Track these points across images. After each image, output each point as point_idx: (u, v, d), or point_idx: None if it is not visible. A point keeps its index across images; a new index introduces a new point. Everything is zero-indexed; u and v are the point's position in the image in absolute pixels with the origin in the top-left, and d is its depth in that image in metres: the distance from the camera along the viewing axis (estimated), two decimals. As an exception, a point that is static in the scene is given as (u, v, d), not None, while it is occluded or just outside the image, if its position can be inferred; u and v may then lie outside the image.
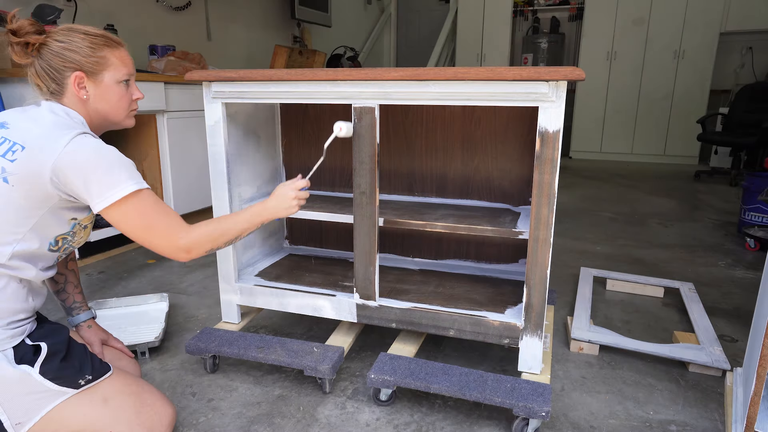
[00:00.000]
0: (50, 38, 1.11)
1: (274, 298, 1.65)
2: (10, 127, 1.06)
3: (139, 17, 3.40)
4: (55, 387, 1.05)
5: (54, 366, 1.05)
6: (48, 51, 1.11)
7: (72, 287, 1.38)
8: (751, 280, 2.40)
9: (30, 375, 1.02)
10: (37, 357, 1.04)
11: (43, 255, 1.10)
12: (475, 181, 1.79)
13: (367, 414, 1.39)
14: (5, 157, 1.02)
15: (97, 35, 1.14)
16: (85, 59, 1.12)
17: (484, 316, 1.44)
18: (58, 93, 1.13)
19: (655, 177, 5.10)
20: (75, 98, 1.14)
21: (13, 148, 1.03)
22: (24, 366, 1.02)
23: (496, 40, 6.47)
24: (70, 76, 1.11)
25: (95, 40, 1.13)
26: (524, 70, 1.21)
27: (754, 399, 1.11)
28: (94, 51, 1.13)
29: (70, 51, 1.11)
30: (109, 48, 1.15)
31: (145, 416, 1.14)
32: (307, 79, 1.40)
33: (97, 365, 1.13)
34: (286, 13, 4.96)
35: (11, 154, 1.02)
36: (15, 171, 1.01)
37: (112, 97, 1.17)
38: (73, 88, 1.12)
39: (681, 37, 5.65)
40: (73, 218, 1.12)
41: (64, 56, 1.11)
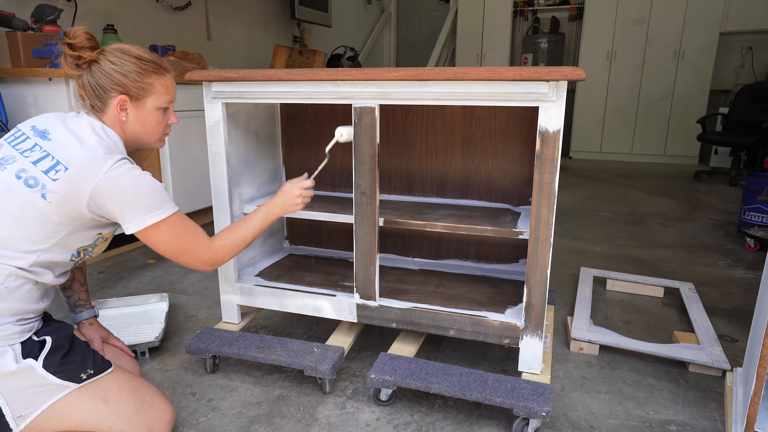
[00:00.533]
0: (103, 56, 1.14)
1: (274, 298, 1.65)
2: (53, 140, 1.09)
3: (139, 17, 3.40)
4: (57, 381, 1.07)
5: (57, 360, 1.07)
6: (99, 69, 1.14)
7: (78, 285, 1.40)
8: (751, 280, 2.40)
9: (33, 368, 1.05)
10: (41, 351, 1.07)
11: (63, 263, 1.14)
12: (475, 181, 1.79)
13: (367, 414, 1.39)
14: (48, 174, 1.05)
15: (148, 61, 1.18)
16: (132, 84, 1.15)
17: (485, 316, 1.44)
18: (99, 109, 1.17)
19: (655, 177, 5.10)
20: (114, 118, 1.17)
21: (57, 167, 1.06)
22: (28, 359, 1.05)
23: (496, 40, 6.47)
24: (114, 97, 1.15)
25: (145, 66, 1.17)
26: (524, 70, 1.21)
27: (754, 399, 1.11)
28: (142, 77, 1.16)
29: (120, 74, 1.14)
30: (157, 75, 1.19)
31: (145, 414, 1.15)
32: (307, 79, 1.40)
33: (99, 361, 1.15)
34: (286, 13, 4.96)
35: (54, 173, 1.05)
36: (55, 190, 1.05)
37: (149, 121, 1.21)
38: (115, 109, 1.16)
39: (681, 37, 5.64)
40: (99, 233, 1.16)
41: (113, 78, 1.14)
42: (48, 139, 1.09)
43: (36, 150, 1.08)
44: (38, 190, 1.05)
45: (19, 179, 1.05)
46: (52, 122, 1.13)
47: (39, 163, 1.06)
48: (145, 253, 2.74)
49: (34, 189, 1.05)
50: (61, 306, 2.05)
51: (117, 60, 1.14)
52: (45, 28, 2.45)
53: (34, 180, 1.06)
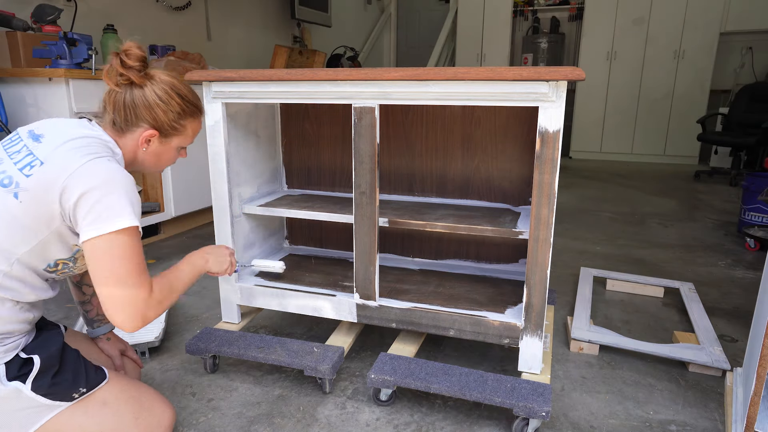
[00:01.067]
0: (151, 84, 1.09)
1: (274, 298, 1.65)
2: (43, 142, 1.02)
3: (139, 17, 3.40)
4: (47, 402, 1.01)
5: (47, 381, 1.01)
6: (141, 95, 1.08)
7: (97, 300, 1.34)
8: (751, 280, 2.40)
9: (21, 392, 0.99)
10: (29, 372, 1.00)
11: (39, 274, 1.05)
12: (475, 181, 1.79)
13: (367, 414, 1.39)
14: (22, 171, 0.98)
15: (191, 104, 1.15)
16: (168, 123, 1.12)
17: (484, 316, 1.44)
18: (119, 128, 1.11)
19: (655, 177, 5.10)
20: (132, 144, 1.12)
21: (33, 163, 0.99)
22: (15, 382, 0.99)
23: (496, 40, 6.47)
24: (143, 128, 1.11)
25: (186, 109, 1.14)
26: (524, 70, 1.21)
27: (754, 399, 1.11)
28: (179, 118, 1.13)
29: (162, 111, 1.10)
30: (193, 118, 1.17)
31: (144, 421, 1.13)
32: (307, 79, 1.40)
33: (91, 375, 1.09)
34: (286, 13, 4.96)
35: (29, 169, 0.98)
36: (27, 187, 0.97)
37: (164, 157, 1.19)
38: (139, 139, 1.11)
39: (681, 37, 5.64)
40: (76, 245, 1.05)
41: (153, 111, 1.09)
42: (39, 142, 1.02)
43: (23, 152, 1.01)
44: (11, 189, 0.97)
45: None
46: (53, 128, 1.06)
47: (20, 161, 0.99)
48: (145, 252, 2.74)
49: (8, 188, 0.97)
50: (59, 306, 2.05)
51: (164, 96, 1.10)
52: (45, 28, 2.45)
53: (9, 179, 0.98)
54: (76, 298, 1.36)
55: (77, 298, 1.35)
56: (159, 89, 1.09)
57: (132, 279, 1.00)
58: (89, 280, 1.33)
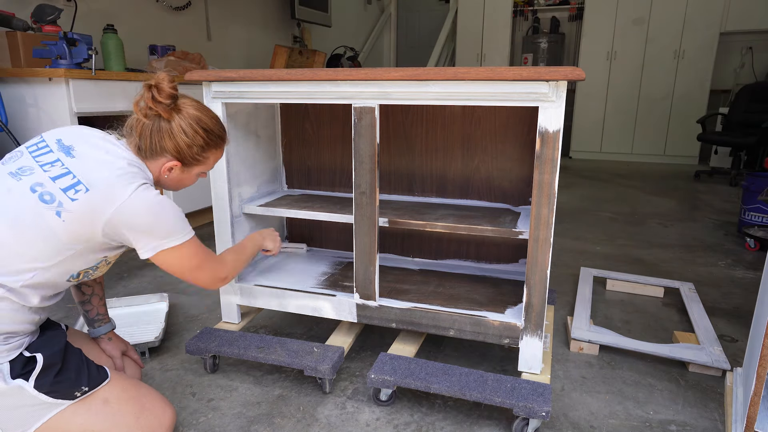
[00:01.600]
0: (178, 117, 1.12)
1: (274, 298, 1.65)
2: (77, 157, 1.05)
3: (139, 17, 3.40)
4: (50, 400, 1.02)
5: (49, 380, 1.02)
6: (168, 128, 1.11)
7: (97, 300, 1.36)
8: (751, 280, 2.40)
9: (24, 389, 1.00)
10: (32, 369, 1.02)
11: (57, 285, 1.09)
12: (475, 181, 1.79)
13: (367, 414, 1.39)
14: (67, 194, 1.01)
15: (216, 136, 1.18)
16: (191, 155, 1.15)
17: (484, 316, 1.44)
18: (144, 154, 1.13)
19: (655, 177, 5.10)
20: (154, 169, 1.15)
21: (77, 187, 1.01)
22: (19, 380, 1.00)
23: (496, 40, 6.47)
24: (167, 157, 1.14)
25: (211, 141, 1.17)
26: (524, 70, 1.21)
27: (754, 399, 1.11)
28: (203, 151, 1.17)
29: (186, 145, 1.13)
30: (216, 149, 1.20)
31: (145, 421, 1.13)
32: (307, 79, 1.40)
33: (93, 374, 1.10)
34: (286, 13, 4.96)
35: (73, 192, 1.01)
36: (72, 209, 1.00)
37: (185, 182, 1.23)
38: (162, 168, 1.15)
39: (681, 37, 5.64)
40: (104, 257, 1.12)
41: (177, 144, 1.13)
42: (72, 156, 1.05)
43: (57, 165, 1.03)
44: (53, 207, 1.00)
45: (34, 193, 1.00)
46: (80, 139, 1.08)
47: (58, 180, 1.02)
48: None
49: (50, 205, 1.00)
50: (59, 306, 2.05)
51: (189, 131, 1.13)
52: (45, 28, 2.45)
53: (50, 196, 1.01)
54: (76, 299, 1.36)
55: (77, 298, 1.36)
56: (185, 124, 1.12)
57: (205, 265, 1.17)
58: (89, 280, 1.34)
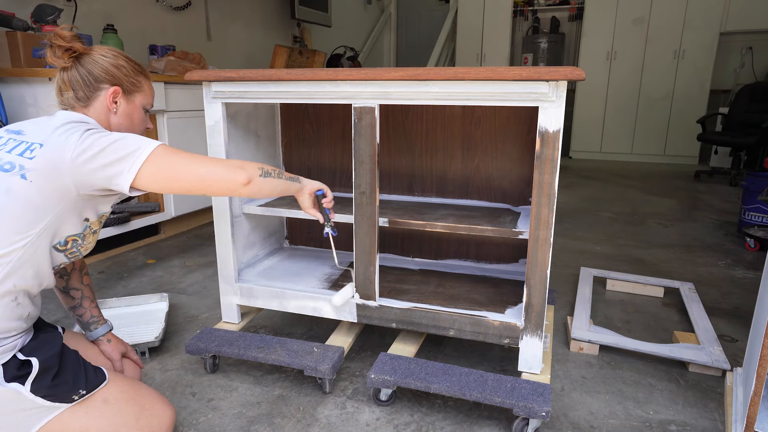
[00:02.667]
0: (95, 51, 1.17)
1: (274, 298, 1.65)
2: (26, 132, 1.08)
3: (139, 17, 3.40)
4: (47, 403, 1.01)
5: (46, 383, 1.01)
6: (91, 61, 1.15)
7: (88, 302, 1.35)
8: (751, 280, 2.40)
9: (20, 393, 0.98)
10: (27, 373, 1.00)
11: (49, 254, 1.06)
12: (475, 181, 1.79)
13: (367, 414, 1.39)
14: (24, 155, 1.02)
15: (136, 63, 1.23)
16: (126, 78, 1.19)
17: (484, 316, 1.44)
18: (84, 101, 1.16)
19: (655, 177, 5.10)
20: (101, 109, 1.17)
21: (32, 147, 1.03)
22: (14, 384, 0.98)
23: (496, 40, 6.47)
24: (107, 89, 1.17)
25: (135, 67, 1.22)
26: (524, 70, 1.21)
27: (754, 399, 1.11)
28: (133, 74, 1.21)
29: (114, 67, 1.17)
30: (144, 76, 1.24)
31: (145, 421, 1.12)
32: (307, 79, 1.40)
33: (91, 376, 1.09)
34: (286, 13, 4.96)
35: (29, 153, 1.03)
36: (35, 167, 1.00)
37: (136, 117, 1.24)
38: (107, 99, 1.17)
39: (681, 37, 5.64)
40: (86, 219, 1.10)
41: (107, 70, 1.16)
42: (23, 134, 1.08)
43: (9, 142, 1.06)
44: (16, 173, 1.00)
45: None
46: (26, 124, 1.12)
47: (13, 150, 1.04)
48: (145, 253, 2.74)
49: (11, 172, 1.00)
50: (59, 306, 2.05)
51: (110, 54, 1.17)
52: (45, 28, 2.45)
53: (10, 164, 1.01)
54: (66, 305, 1.35)
55: (67, 304, 1.35)
56: (103, 51, 1.17)
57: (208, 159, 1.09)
58: (76, 282, 1.34)
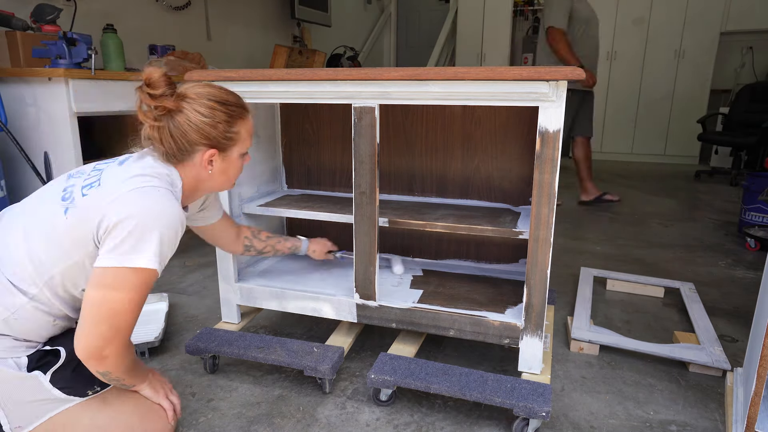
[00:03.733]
0: (188, 104, 1.03)
1: (274, 298, 1.65)
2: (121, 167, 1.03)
3: (139, 17, 3.40)
4: (62, 396, 1.02)
5: (66, 375, 1.02)
6: (185, 120, 1.03)
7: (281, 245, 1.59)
8: (751, 280, 2.40)
9: (40, 382, 1.00)
10: (51, 363, 1.01)
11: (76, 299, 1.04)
12: (475, 181, 1.79)
13: (367, 414, 1.39)
14: (83, 189, 0.98)
15: (235, 106, 1.09)
16: (221, 135, 1.06)
17: (484, 316, 1.44)
18: (177, 160, 1.06)
19: (655, 177, 5.10)
20: (195, 169, 1.07)
21: (93, 184, 0.98)
22: (36, 372, 0.99)
23: (496, 40, 6.46)
24: (201, 151, 1.06)
25: (233, 113, 1.08)
26: (524, 69, 1.21)
27: (755, 399, 1.11)
28: (230, 126, 1.08)
29: (210, 126, 1.04)
30: (242, 120, 1.11)
31: (150, 422, 1.13)
32: (307, 79, 1.40)
33: None
34: (286, 13, 4.96)
35: (88, 189, 0.98)
36: (78, 205, 0.96)
37: (232, 170, 1.14)
38: (203, 162, 1.07)
39: (681, 37, 5.64)
40: None
41: (203, 131, 1.04)
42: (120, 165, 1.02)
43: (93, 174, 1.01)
44: (65, 204, 0.96)
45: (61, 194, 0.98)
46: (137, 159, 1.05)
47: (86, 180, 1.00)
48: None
49: (64, 203, 0.97)
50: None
51: (205, 110, 1.04)
52: (45, 28, 2.44)
53: (70, 194, 0.98)
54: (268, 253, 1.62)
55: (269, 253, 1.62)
56: (198, 104, 1.04)
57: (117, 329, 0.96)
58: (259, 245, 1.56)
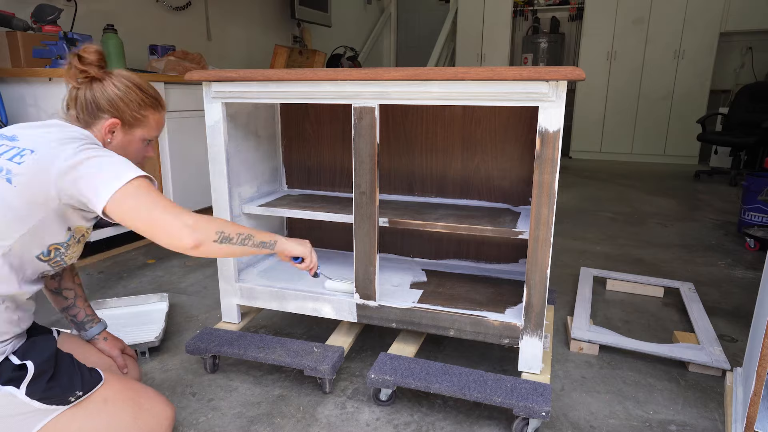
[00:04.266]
0: (108, 78, 1.15)
1: (274, 298, 1.65)
2: (20, 138, 1.06)
3: (139, 17, 3.40)
4: (43, 406, 1.00)
5: (41, 386, 1.00)
6: (100, 88, 1.14)
7: (81, 301, 1.36)
8: (751, 280, 2.40)
9: (15, 396, 0.97)
10: (22, 376, 0.99)
11: (31, 263, 1.05)
12: (475, 181, 1.79)
13: (367, 414, 1.39)
14: (13, 160, 1.01)
15: (150, 96, 1.20)
16: (129, 112, 1.16)
17: (484, 316, 1.44)
18: (84, 123, 1.15)
19: (655, 177, 5.10)
20: (98, 135, 1.15)
21: (22, 153, 1.02)
22: (9, 387, 0.97)
23: (496, 40, 6.47)
24: (106, 118, 1.14)
25: (146, 99, 1.18)
26: (524, 70, 1.21)
27: (754, 399, 1.11)
28: (140, 108, 1.18)
29: (121, 100, 1.15)
30: (153, 109, 1.21)
31: (143, 421, 1.12)
32: (307, 79, 1.40)
33: (87, 377, 1.08)
34: (286, 13, 4.96)
35: (19, 158, 1.01)
36: (21, 172, 0.99)
37: (131, 149, 1.21)
38: (103, 129, 1.15)
39: (681, 37, 5.64)
40: (68, 228, 1.08)
41: (112, 101, 1.14)
42: (16, 140, 1.06)
43: (2, 146, 1.04)
44: (2, 176, 0.99)
45: None
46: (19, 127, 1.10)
47: (4, 154, 1.02)
48: (145, 253, 2.74)
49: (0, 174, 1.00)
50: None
51: (122, 86, 1.15)
52: (45, 28, 2.45)
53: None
54: (58, 307, 1.34)
55: (59, 305, 1.34)
56: (117, 81, 1.15)
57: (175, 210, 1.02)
58: (68, 283, 1.34)
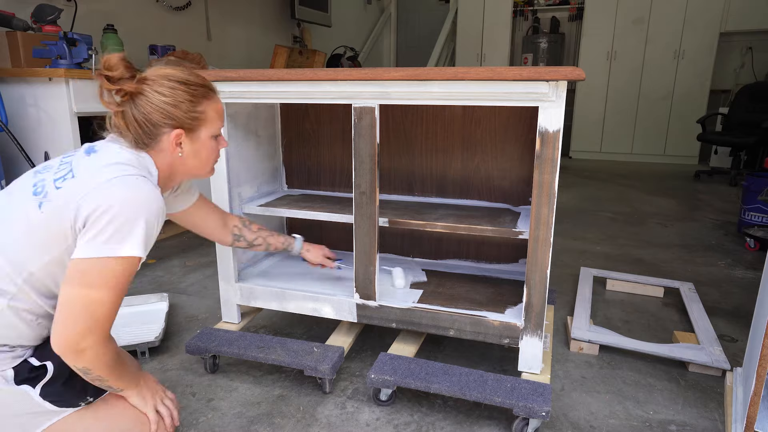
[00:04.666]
0: (148, 86, 1.01)
1: (274, 298, 1.65)
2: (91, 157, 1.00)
3: (139, 17, 3.40)
4: (54, 408, 1.00)
5: (56, 389, 1.00)
6: (146, 102, 1.01)
7: (273, 238, 1.54)
8: (751, 280, 2.40)
9: (30, 396, 0.98)
10: (39, 377, 0.99)
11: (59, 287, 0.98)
12: (475, 181, 1.79)
13: (367, 414, 1.39)
14: (55, 182, 0.95)
15: (197, 85, 1.06)
16: (186, 115, 1.03)
17: (484, 316, 1.44)
18: (145, 146, 1.03)
19: (655, 177, 5.10)
20: (166, 153, 1.05)
21: (66, 176, 0.95)
22: (25, 386, 0.97)
23: (496, 40, 6.47)
24: (167, 132, 1.03)
25: (196, 92, 1.05)
26: (524, 70, 1.21)
27: (754, 399, 1.11)
28: (194, 105, 1.05)
29: (172, 106, 1.02)
30: (207, 100, 1.07)
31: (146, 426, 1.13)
32: (307, 79, 1.40)
33: None
34: (286, 13, 4.96)
35: (61, 181, 0.94)
36: (52, 198, 0.93)
37: (204, 153, 1.10)
38: (171, 146, 1.04)
39: (681, 37, 5.64)
40: None
41: (164, 111, 1.01)
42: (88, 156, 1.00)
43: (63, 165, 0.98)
44: (38, 199, 0.93)
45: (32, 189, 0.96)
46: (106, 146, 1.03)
47: (56, 173, 0.97)
48: (145, 253, 2.74)
49: (37, 197, 0.94)
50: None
51: (165, 90, 1.01)
52: (45, 28, 2.45)
53: (42, 188, 0.95)
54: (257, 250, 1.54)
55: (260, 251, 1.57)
56: (158, 86, 1.02)
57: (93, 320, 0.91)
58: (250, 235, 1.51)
